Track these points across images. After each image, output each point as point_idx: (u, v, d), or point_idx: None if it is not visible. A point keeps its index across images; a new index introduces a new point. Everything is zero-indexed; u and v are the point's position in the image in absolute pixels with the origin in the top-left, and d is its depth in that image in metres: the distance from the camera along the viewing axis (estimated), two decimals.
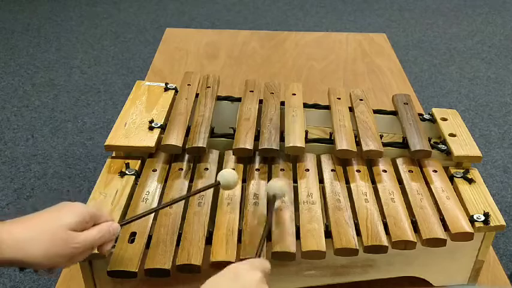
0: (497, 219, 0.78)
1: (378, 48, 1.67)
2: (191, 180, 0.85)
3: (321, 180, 0.85)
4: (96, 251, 0.64)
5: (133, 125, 0.92)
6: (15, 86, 2.50)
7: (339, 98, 1.02)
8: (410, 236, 0.74)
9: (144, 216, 0.71)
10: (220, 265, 0.69)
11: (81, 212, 0.61)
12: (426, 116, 1.01)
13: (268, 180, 0.84)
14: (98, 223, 0.63)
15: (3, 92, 2.45)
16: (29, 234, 0.56)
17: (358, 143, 0.89)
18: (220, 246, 0.71)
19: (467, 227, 0.76)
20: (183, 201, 0.79)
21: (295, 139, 0.89)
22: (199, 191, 0.76)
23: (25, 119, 2.26)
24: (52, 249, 0.57)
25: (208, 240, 0.72)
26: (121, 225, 0.67)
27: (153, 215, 0.76)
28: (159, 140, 0.89)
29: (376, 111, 1.01)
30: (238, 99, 1.03)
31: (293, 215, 0.77)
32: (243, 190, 0.83)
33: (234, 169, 0.80)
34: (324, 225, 0.75)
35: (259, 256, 0.66)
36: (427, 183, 0.85)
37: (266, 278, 0.59)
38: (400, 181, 0.86)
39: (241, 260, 0.66)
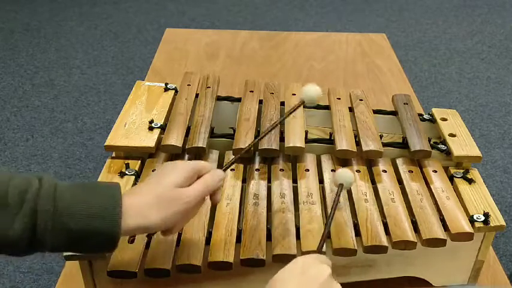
0: (497, 219, 0.78)
1: (377, 48, 1.67)
2: None
3: (321, 181, 0.85)
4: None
5: (133, 125, 0.92)
6: (15, 86, 2.50)
7: (339, 98, 1.03)
8: (410, 236, 0.74)
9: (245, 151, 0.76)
10: (218, 266, 0.69)
11: (182, 168, 0.64)
12: (426, 116, 1.01)
13: (269, 181, 0.85)
14: (201, 175, 0.66)
15: (3, 92, 2.45)
16: (144, 201, 0.60)
17: (358, 143, 0.89)
18: (218, 247, 0.71)
19: (467, 227, 0.76)
20: None
21: (295, 139, 0.89)
22: (289, 113, 0.82)
23: (25, 119, 2.26)
24: (168, 210, 0.60)
25: (208, 241, 0.72)
26: (224, 170, 0.70)
27: None
28: (159, 140, 0.89)
29: (376, 111, 1.01)
30: (238, 100, 1.03)
31: (293, 216, 0.77)
32: (243, 190, 0.83)
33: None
34: (323, 226, 0.75)
35: (320, 252, 0.67)
36: (427, 184, 0.85)
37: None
38: (400, 181, 0.86)
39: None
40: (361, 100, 1.02)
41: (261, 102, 1.01)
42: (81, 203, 0.56)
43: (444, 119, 0.99)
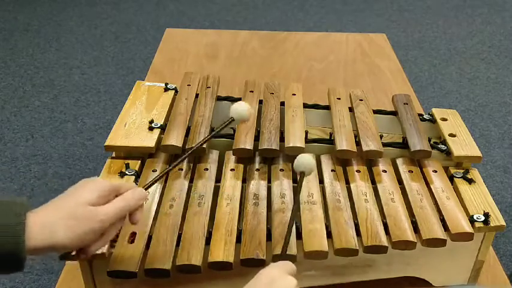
0: (497, 219, 0.78)
1: (377, 48, 1.67)
2: (191, 181, 0.85)
3: (321, 181, 0.85)
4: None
5: (133, 125, 0.92)
6: (15, 86, 2.50)
7: (339, 98, 1.03)
8: (410, 236, 0.74)
9: (168, 172, 0.70)
10: (218, 266, 0.69)
11: (99, 186, 0.60)
12: (426, 116, 1.01)
13: (269, 181, 0.85)
14: (120, 194, 0.62)
15: (3, 92, 2.45)
16: (51, 218, 0.55)
17: (358, 143, 0.89)
18: (218, 247, 0.71)
19: (467, 227, 0.76)
20: (184, 202, 0.79)
21: (295, 139, 0.89)
22: (217, 131, 0.77)
23: (25, 119, 2.26)
24: (77, 229, 0.56)
25: (208, 241, 0.72)
26: (145, 189, 0.66)
27: (152, 213, 0.76)
28: (159, 140, 0.89)
29: (376, 111, 1.01)
30: (238, 100, 1.03)
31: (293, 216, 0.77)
32: (243, 190, 0.83)
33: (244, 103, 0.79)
34: (324, 226, 0.75)
35: (286, 251, 0.66)
36: (427, 184, 0.85)
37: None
38: (400, 181, 0.86)
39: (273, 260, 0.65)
40: (361, 100, 1.02)
41: (261, 102, 1.01)
42: None
43: (444, 119, 0.99)
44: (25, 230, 0.53)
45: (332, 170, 0.87)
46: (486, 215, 0.78)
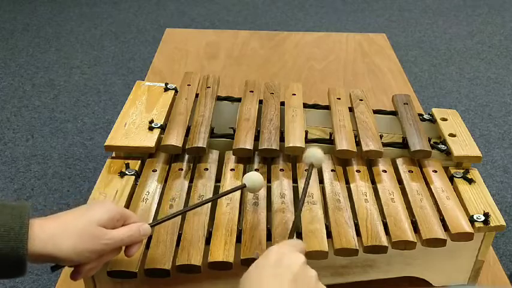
0: (497, 219, 0.78)
1: (377, 48, 1.67)
2: (191, 181, 0.85)
3: (321, 181, 0.85)
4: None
5: (133, 125, 0.92)
6: (15, 86, 2.50)
7: (339, 98, 1.02)
8: (410, 236, 0.74)
9: (175, 216, 0.70)
10: (218, 266, 0.69)
11: (111, 210, 0.62)
12: (426, 116, 1.01)
13: (268, 181, 0.85)
14: (127, 223, 0.64)
15: (3, 92, 2.45)
16: (60, 229, 0.57)
17: (358, 143, 0.89)
18: (218, 247, 0.71)
19: (467, 227, 0.76)
20: (183, 202, 0.79)
21: (295, 139, 0.89)
22: (228, 192, 0.75)
23: (25, 119, 2.26)
24: (82, 245, 0.57)
25: (208, 241, 0.72)
26: (151, 226, 0.67)
27: (152, 213, 0.76)
28: (159, 140, 0.89)
29: (376, 111, 1.01)
30: (238, 100, 1.03)
31: (293, 216, 0.76)
32: (243, 190, 0.83)
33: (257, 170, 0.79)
34: (324, 226, 0.75)
35: (292, 237, 0.67)
36: (427, 184, 0.85)
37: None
38: (400, 181, 0.86)
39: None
40: (361, 100, 1.02)
41: (261, 102, 1.01)
42: None
43: (444, 119, 0.99)
44: (28, 233, 0.54)
45: (332, 170, 0.87)
46: (486, 215, 0.78)
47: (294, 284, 0.54)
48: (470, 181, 0.86)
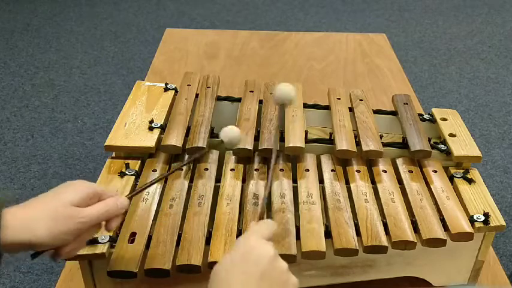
0: (497, 219, 0.78)
1: (377, 48, 1.67)
2: (191, 181, 0.85)
3: (321, 181, 0.85)
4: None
5: (133, 125, 0.92)
6: (15, 86, 2.50)
7: (339, 98, 1.02)
8: (410, 236, 0.74)
9: (150, 185, 0.69)
10: None
11: (83, 188, 0.60)
12: (426, 116, 1.01)
13: (268, 181, 0.85)
14: (102, 199, 0.62)
15: (3, 92, 2.45)
16: (32, 214, 0.56)
17: (358, 143, 0.89)
18: (218, 247, 0.71)
19: (467, 227, 0.76)
20: (184, 202, 0.79)
21: (295, 139, 0.89)
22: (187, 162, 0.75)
23: (25, 119, 2.26)
24: (57, 227, 0.56)
25: (208, 241, 0.72)
26: (129, 198, 0.66)
27: (152, 213, 0.76)
28: (159, 140, 0.89)
29: (376, 111, 1.01)
30: (238, 100, 1.03)
31: (293, 216, 0.77)
32: (243, 190, 0.83)
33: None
34: (324, 226, 0.75)
35: (264, 214, 0.65)
36: (427, 184, 0.85)
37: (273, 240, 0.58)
38: (400, 181, 0.86)
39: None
40: (361, 100, 1.02)
41: (261, 102, 1.01)
42: None
43: (444, 119, 0.99)
44: (1, 223, 0.53)
45: (332, 170, 0.87)
46: (486, 215, 0.78)
47: (262, 282, 0.53)
48: (470, 181, 0.86)
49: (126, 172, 0.84)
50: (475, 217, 0.78)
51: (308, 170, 0.86)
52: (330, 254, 0.72)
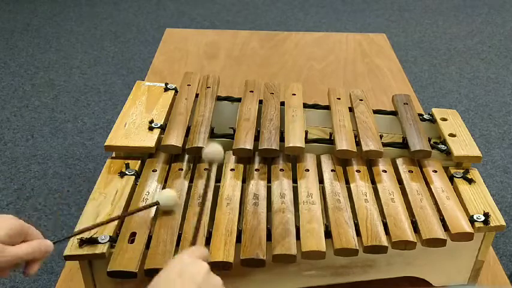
0: (497, 219, 0.78)
1: (377, 48, 1.67)
2: (191, 181, 0.85)
3: (321, 181, 0.85)
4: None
5: (133, 125, 0.92)
6: (15, 86, 2.50)
7: (339, 98, 1.02)
8: (410, 236, 0.74)
9: (80, 233, 0.69)
10: (218, 266, 0.69)
11: (9, 225, 0.60)
12: (426, 116, 1.01)
13: (268, 181, 0.85)
14: (27, 240, 0.62)
15: (3, 92, 2.45)
16: None
17: (358, 143, 0.89)
18: (218, 247, 0.71)
19: (467, 227, 0.76)
20: (183, 202, 0.79)
21: (295, 139, 0.88)
22: (139, 210, 0.75)
23: (25, 119, 2.26)
24: None
25: (208, 241, 0.72)
26: (54, 243, 0.65)
27: (152, 213, 0.76)
28: (159, 140, 0.89)
29: (376, 111, 1.01)
30: (238, 100, 1.03)
31: (293, 216, 0.77)
32: (243, 190, 0.83)
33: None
34: (324, 226, 0.75)
35: (196, 241, 0.66)
36: (427, 184, 0.85)
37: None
38: (400, 181, 0.86)
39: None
40: (361, 100, 1.02)
41: (261, 102, 1.01)
42: None
43: (444, 119, 0.99)
44: None
45: (332, 170, 0.87)
46: (486, 215, 0.78)
47: None
48: (470, 181, 0.86)
49: (126, 172, 0.84)
50: (475, 217, 0.78)
51: (308, 170, 0.86)
52: (330, 254, 0.72)
